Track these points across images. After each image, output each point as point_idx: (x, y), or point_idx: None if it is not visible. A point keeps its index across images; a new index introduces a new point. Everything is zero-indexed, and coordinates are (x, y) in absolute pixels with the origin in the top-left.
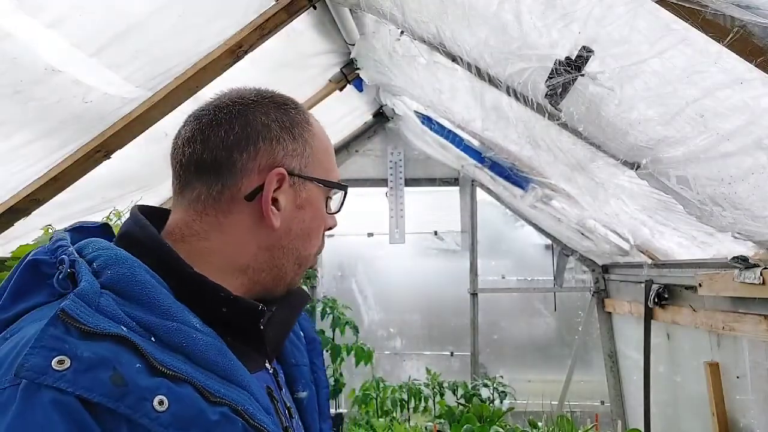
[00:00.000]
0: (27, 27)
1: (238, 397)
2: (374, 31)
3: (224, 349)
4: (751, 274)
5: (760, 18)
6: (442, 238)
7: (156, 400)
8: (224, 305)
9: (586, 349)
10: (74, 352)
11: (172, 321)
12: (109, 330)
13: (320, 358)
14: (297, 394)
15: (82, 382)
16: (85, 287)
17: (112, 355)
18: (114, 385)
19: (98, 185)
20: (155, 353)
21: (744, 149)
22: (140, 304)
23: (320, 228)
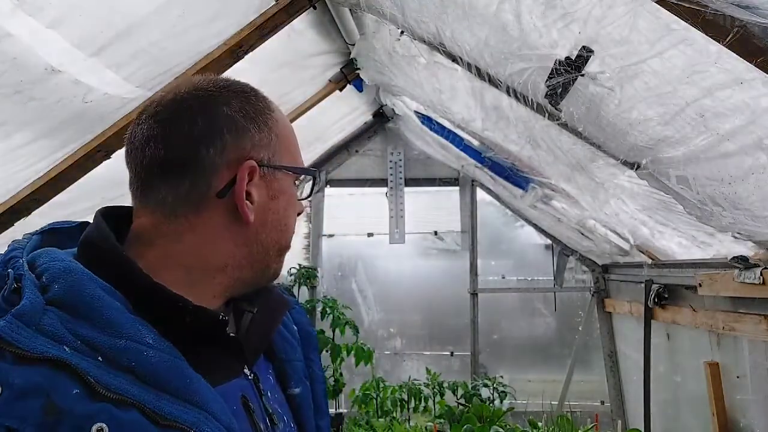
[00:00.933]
0: (27, 27)
1: (192, 419)
2: (374, 31)
3: (180, 366)
4: (751, 274)
5: (760, 18)
6: (442, 238)
7: (95, 428)
8: (186, 315)
9: (586, 349)
10: (6, 379)
11: (121, 338)
12: (47, 353)
13: (315, 353)
14: (290, 390)
15: (13, 411)
16: (25, 306)
17: (47, 381)
18: (46, 415)
19: (98, 185)
20: (100, 375)
21: (744, 149)
22: (88, 320)
23: (295, 215)
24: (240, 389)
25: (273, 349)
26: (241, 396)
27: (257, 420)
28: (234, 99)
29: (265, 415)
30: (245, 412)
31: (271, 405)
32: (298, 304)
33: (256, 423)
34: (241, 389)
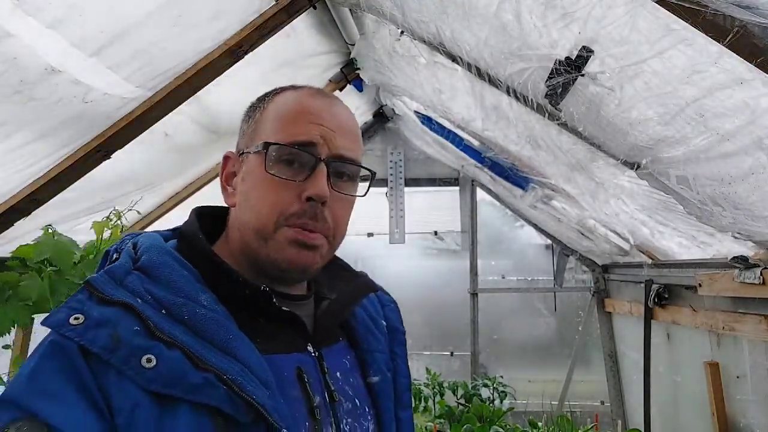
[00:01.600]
0: (27, 27)
1: (228, 367)
2: (374, 31)
3: (225, 324)
4: (751, 274)
5: (760, 18)
6: (442, 238)
7: (144, 358)
8: (242, 287)
9: (586, 349)
10: (89, 313)
11: (180, 297)
12: (120, 298)
13: (401, 348)
14: (369, 378)
15: (87, 335)
16: (115, 266)
17: (115, 317)
18: (110, 341)
19: (98, 185)
20: (158, 321)
21: (744, 149)
22: (160, 283)
23: (266, 193)
24: (297, 362)
25: (356, 339)
26: (297, 368)
27: (312, 392)
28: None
29: (324, 390)
30: (298, 381)
31: (337, 385)
32: (393, 303)
33: (310, 394)
34: (299, 362)
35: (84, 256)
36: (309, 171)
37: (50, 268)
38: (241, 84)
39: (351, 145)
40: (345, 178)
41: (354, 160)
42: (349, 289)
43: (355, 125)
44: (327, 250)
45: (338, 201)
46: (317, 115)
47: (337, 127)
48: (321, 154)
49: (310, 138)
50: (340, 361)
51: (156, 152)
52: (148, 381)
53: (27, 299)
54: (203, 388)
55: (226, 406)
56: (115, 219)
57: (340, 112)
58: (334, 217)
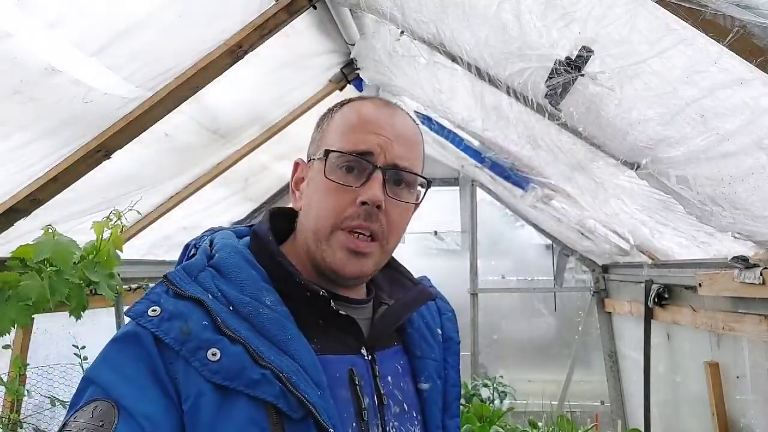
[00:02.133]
0: (27, 27)
1: (284, 366)
2: (374, 31)
3: (285, 325)
4: (751, 274)
5: (760, 18)
6: (442, 238)
7: (210, 351)
8: (303, 289)
9: (586, 349)
10: (165, 306)
11: (246, 296)
12: (193, 294)
13: (454, 357)
14: (419, 385)
15: (162, 326)
16: (191, 263)
17: (188, 311)
18: (181, 333)
19: (98, 185)
20: (225, 317)
21: (744, 149)
22: (230, 280)
23: (325, 198)
24: (350, 363)
25: (410, 345)
26: (349, 369)
27: (362, 393)
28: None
29: (374, 393)
30: (349, 382)
31: (387, 389)
32: (451, 312)
33: (359, 395)
34: (352, 364)
35: (84, 256)
36: (366, 178)
37: (50, 268)
38: (241, 84)
39: (408, 154)
40: (402, 186)
41: (409, 169)
42: (407, 297)
43: (414, 134)
44: (380, 256)
45: (393, 206)
46: (377, 125)
47: (396, 136)
48: (378, 162)
49: (368, 147)
50: (392, 366)
51: (156, 152)
52: (212, 373)
53: (27, 299)
54: (260, 384)
55: (280, 402)
56: (115, 219)
57: (401, 122)
58: (389, 221)
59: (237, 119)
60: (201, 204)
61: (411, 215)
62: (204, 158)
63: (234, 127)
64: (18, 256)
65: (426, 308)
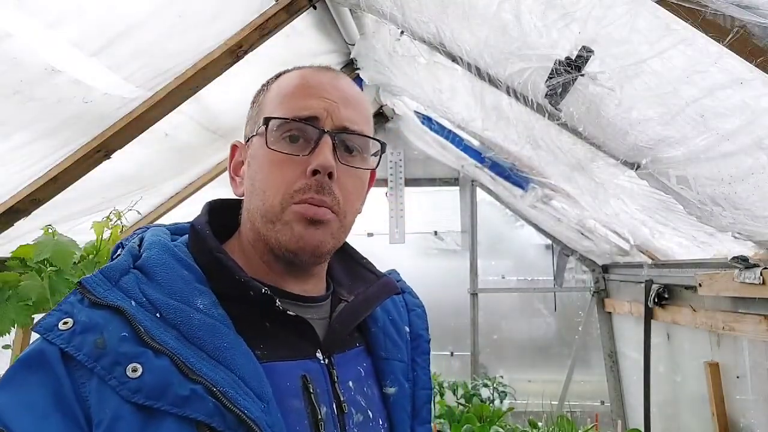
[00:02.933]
0: (27, 27)
1: (219, 378)
2: (374, 31)
3: (221, 331)
4: (751, 274)
5: (760, 18)
6: (442, 238)
7: (130, 367)
8: (244, 288)
9: (586, 349)
10: (78, 317)
11: (175, 300)
12: (111, 301)
13: (424, 357)
14: (385, 389)
15: (73, 341)
16: (112, 265)
17: (104, 322)
18: (95, 347)
19: (98, 185)
20: (150, 327)
21: (744, 149)
22: (156, 283)
23: (270, 172)
24: (303, 369)
25: (374, 345)
26: (302, 375)
27: (318, 402)
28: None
29: (332, 400)
30: (303, 390)
31: (348, 394)
32: (420, 308)
33: (315, 404)
34: (305, 370)
35: (84, 256)
36: (313, 144)
37: (50, 268)
38: (241, 84)
39: (356, 116)
40: (354, 153)
41: (360, 131)
42: (369, 292)
43: (361, 98)
44: (338, 229)
45: (347, 174)
46: (319, 88)
47: (341, 98)
48: (325, 127)
49: (312, 112)
50: (354, 369)
51: (156, 152)
52: (132, 392)
53: (27, 299)
54: (190, 401)
55: (215, 421)
56: (115, 219)
57: (345, 84)
58: (344, 191)
59: (237, 119)
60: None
61: (368, 187)
62: (204, 158)
63: (234, 127)
64: (18, 256)
65: (392, 304)
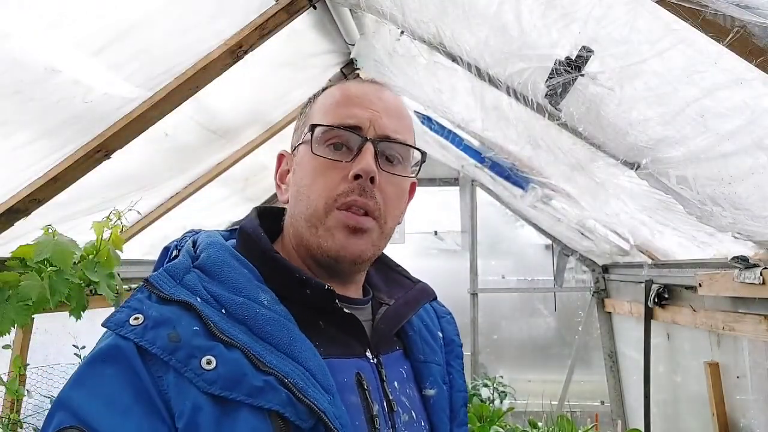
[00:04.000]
0: (27, 27)
1: (289, 370)
2: (374, 31)
3: (287, 326)
4: (751, 274)
5: (760, 18)
6: (442, 238)
7: (204, 360)
8: (303, 286)
9: (586, 349)
10: (148, 313)
11: (240, 296)
12: (180, 297)
13: (458, 361)
14: (425, 390)
15: (147, 335)
16: (175, 264)
17: (175, 317)
18: (170, 341)
19: (98, 185)
20: (218, 321)
21: (744, 149)
22: (219, 281)
23: (315, 178)
24: (356, 367)
25: (412, 348)
26: (356, 373)
27: (371, 399)
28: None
29: (383, 399)
30: (357, 387)
31: (395, 394)
32: (450, 314)
33: (369, 401)
34: (358, 367)
35: (84, 256)
36: (356, 151)
37: (50, 268)
38: (241, 84)
39: (399, 126)
40: (395, 162)
41: (402, 140)
42: (408, 296)
43: (404, 109)
44: (378, 236)
45: (388, 181)
46: (363, 98)
47: (384, 109)
48: (368, 135)
49: (356, 121)
50: (397, 371)
51: (156, 152)
52: (208, 383)
53: (27, 299)
54: (264, 391)
55: (287, 410)
56: (115, 219)
57: (388, 96)
58: (385, 198)
59: (237, 119)
60: (201, 204)
61: (408, 197)
62: (204, 158)
63: (234, 127)
64: (18, 256)
65: (424, 311)
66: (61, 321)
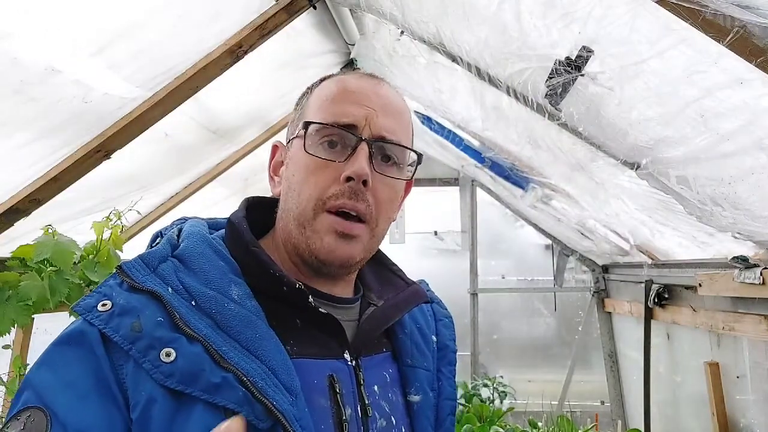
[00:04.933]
0: (27, 27)
1: (250, 368)
2: (374, 31)
3: (254, 322)
4: (751, 274)
5: (760, 18)
6: (442, 238)
7: (164, 352)
8: (279, 283)
9: (586, 349)
10: (117, 300)
11: (211, 289)
12: (149, 287)
13: (449, 368)
14: (409, 396)
15: (111, 323)
16: (151, 252)
17: (141, 306)
18: (132, 330)
19: (98, 185)
20: (185, 314)
21: (744, 149)
22: (193, 272)
23: (306, 176)
24: (330, 368)
25: (400, 352)
26: (329, 375)
27: (343, 403)
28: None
29: (357, 403)
30: (329, 389)
31: (372, 398)
32: (448, 318)
33: (340, 404)
34: (332, 369)
35: (84, 256)
36: (350, 152)
37: (50, 268)
38: (241, 84)
39: (395, 126)
40: (390, 162)
41: (397, 141)
42: (398, 298)
43: (402, 106)
44: (369, 240)
45: (381, 183)
46: (360, 95)
47: (381, 106)
48: (362, 135)
49: (351, 120)
50: (379, 374)
51: (156, 152)
52: (165, 376)
53: (27, 299)
54: (221, 388)
55: (244, 409)
56: (115, 219)
57: (386, 92)
58: (377, 200)
59: (237, 119)
60: (201, 204)
61: (402, 197)
62: (204, 158)
63: (234, 126)
64: (18, 256)
65: (420, 312)
66: (61, 321)
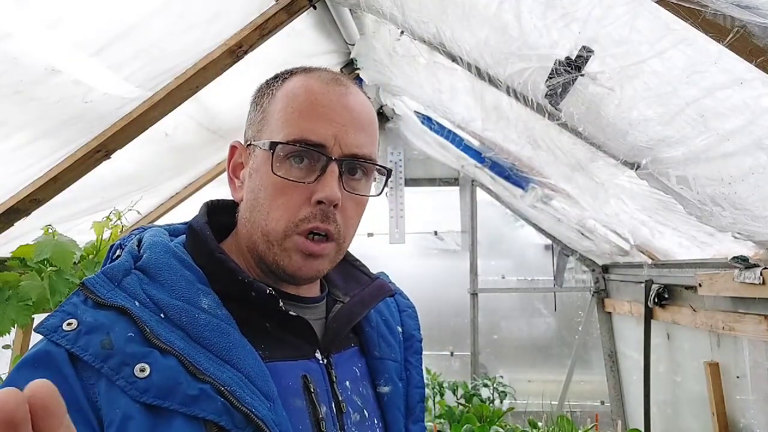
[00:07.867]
0: (27, 27)
1: (226, 377)
2: (374, 31)
3: (226, 330)
4: (751, 274)
5: (760, 18)
6: (442, 238)
7: (138, 367)
8: (248, 289)
9: (586, 349)
10: (82, 318)
11: (179, 300)
12: (115, 302)
13: (416, 357)
14: (379, 388)
15: (79, 341)
16: (113, 266)
17: (110, 322)
18: (102, 348)
19: (98, 185)
20: (155, 327)
21: (744, 149)
22: (159, 284)
23: (274, 196)
24: (303, 369)
25: (367, 346)
26: (303, 376)
27: (318, 401)
28: (261, 86)
29: (331, 400)
30: (303, 390)
31: (346, 394)
32: (412, 308)
33: (315, 404)
34: (305, 370)
35: (84, 256)
36: (320, 171)
37: (50, 268)
38: (241, 84)
39: (365, 140)
40: (358, 176)
41: (368, 158)
42: (364, 293)
43: (370, 117)
44: (336, 254)
45: (350, 201)
46: (328, 108)
47: (351, 121)
48: (332, 154)
49: (320, 139)
50: (350, 369)
51: (156, 152)
52: (141, 392)
53: (27, 299)
54: (199, 400)
55: (223, 419)
56: (115, 219)
57: (354, 103)
58: (345, 219)
59: (237, 119)
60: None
61: (365, 208)
62: (204, 158)
63: (234, 127)
64: (18, 256)
65: (384, 305)
66: None
